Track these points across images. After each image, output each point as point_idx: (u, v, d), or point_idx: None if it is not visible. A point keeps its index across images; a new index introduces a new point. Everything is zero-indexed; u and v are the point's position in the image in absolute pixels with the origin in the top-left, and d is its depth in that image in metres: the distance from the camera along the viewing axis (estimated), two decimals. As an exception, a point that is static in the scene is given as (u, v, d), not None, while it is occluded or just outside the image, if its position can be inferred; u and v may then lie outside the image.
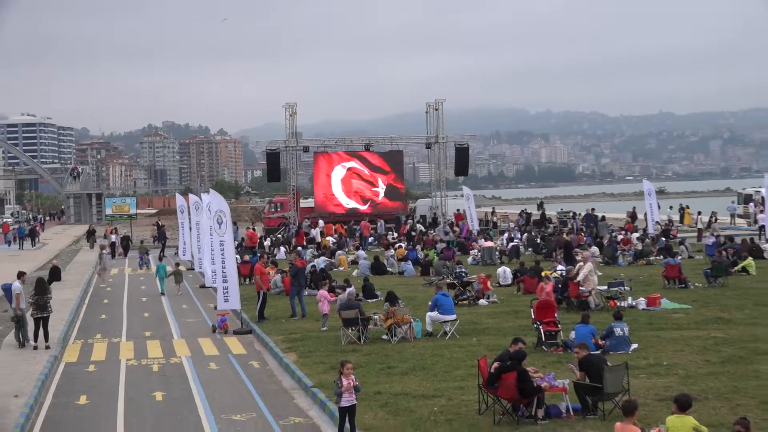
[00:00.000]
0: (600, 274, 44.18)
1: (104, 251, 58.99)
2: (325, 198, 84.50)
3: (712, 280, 41.38)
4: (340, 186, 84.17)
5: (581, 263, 38.25)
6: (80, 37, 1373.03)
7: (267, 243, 68.08)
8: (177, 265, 50.59)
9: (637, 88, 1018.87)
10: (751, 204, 79.52)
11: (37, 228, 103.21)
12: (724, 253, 47.75)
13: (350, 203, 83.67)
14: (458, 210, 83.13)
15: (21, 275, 34.30)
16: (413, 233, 69.25)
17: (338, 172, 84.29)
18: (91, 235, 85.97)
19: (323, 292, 35.60)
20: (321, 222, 77.07)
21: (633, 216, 76.42)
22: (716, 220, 74.10)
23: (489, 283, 41.06)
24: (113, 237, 78.69)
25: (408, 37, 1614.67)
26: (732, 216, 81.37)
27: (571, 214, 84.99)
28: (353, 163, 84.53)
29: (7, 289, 34.07)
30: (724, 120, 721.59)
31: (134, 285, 53.07)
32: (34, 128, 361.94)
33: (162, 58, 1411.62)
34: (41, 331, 32.45)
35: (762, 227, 62.00)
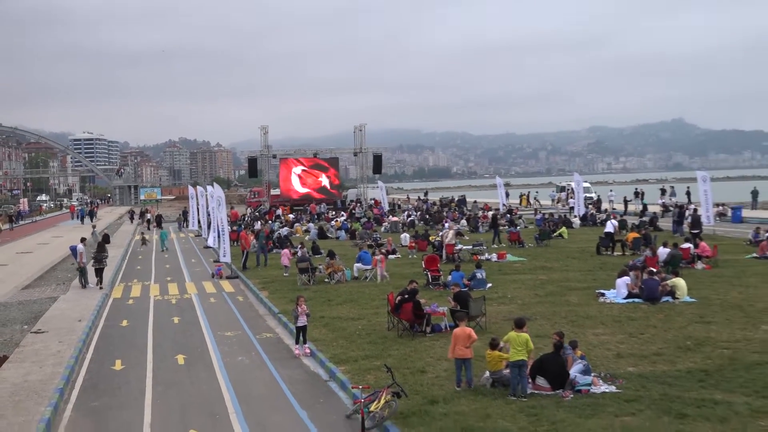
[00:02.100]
0: (467, 237, 44.73)
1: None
2: (286, 188, 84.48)
3: (539, 242, 41.90)
4: (297, 181, 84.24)
5: (447, 231, 38.87)
6: (122, 80, 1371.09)
7: (247, 219, 67.68)
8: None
9: (491, 117, 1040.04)
10: (562, 193, 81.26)
11: (95, 208, 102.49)
12: (547, 224, 48.44)
13: (303, 192, 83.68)
14: (374, 198, 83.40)
15: (83, 240, 34.21)
16: (354, 212, 69.47)
17: (295, 172, 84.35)
18: (143, 214, 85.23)
19: (285, 251, 35.69)
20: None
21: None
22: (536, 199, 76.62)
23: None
24: (148, 215, 78.58)
25: (343, 82, 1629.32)
26: (552, 200, 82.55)
27: (450, 198, 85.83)
28: (306, 165, 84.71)
29: (74, 249, 33.98)
30: (548, 138, 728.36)
31: (159, 246, 52.42)
32: (92, 141, 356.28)
33: (177, 95, 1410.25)
34: (94, 277, 32.51)
35: (572, 208, 62.70)
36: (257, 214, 72.32)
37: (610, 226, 40.30)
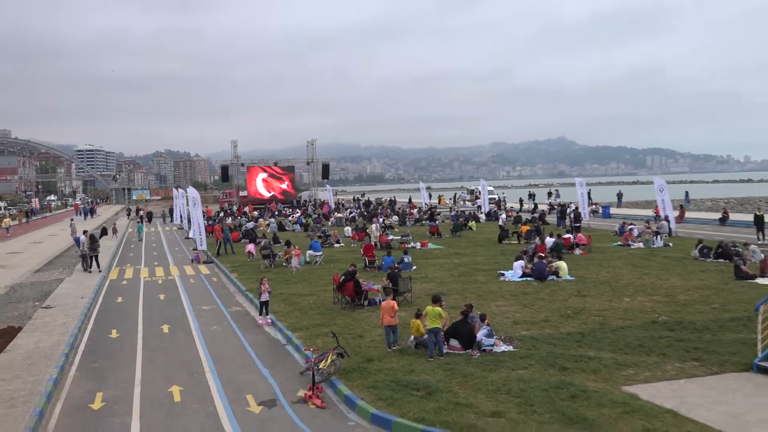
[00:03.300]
0: (396, 230, 44.83)
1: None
2: (252, 191, 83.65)
3: (454, 233, 42.18)
4: (261, 184, 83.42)
5: (373, 225, 39.46)
6: (118, 102, 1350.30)
7: (221, 215, 66.91)
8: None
9: (416, 134, 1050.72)
10: (466, 194, 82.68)
11: (95, 206, 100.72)
12: (460, 218, 48.79)
13: (266, 194, 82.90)
14: (323, 199, 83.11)
15: (85, 232, 33.53)
16: (307, 210, 68.95)
17: (260, 177, 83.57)
18: (137, 212, 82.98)
19: (251, 245, 35.17)
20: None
21: (392, 202, 76.87)
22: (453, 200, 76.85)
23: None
24: (141, 212, 76.96)
25: (298, 105, 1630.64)
26: (463, 201, 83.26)
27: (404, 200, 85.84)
28: (268, 172, 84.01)
29: (77, 239, 33.53)
30: (461, 151, 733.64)
31: (148, 237, 51.50)
32: (92, 152, 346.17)
33: (163, 114, 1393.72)
34: (95, 263, 31.83)
35: (479, 206, 63.33)
36: (227, 210, 71.62)
37: (501, 221, 41.98)
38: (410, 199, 77.30)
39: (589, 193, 69.08)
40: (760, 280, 22.80)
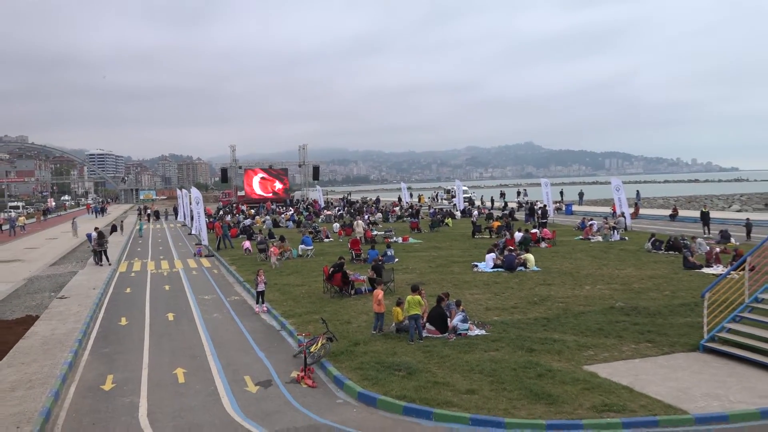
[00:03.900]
0: (380, 226, 44.79)
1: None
2: (249, 191, 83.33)
3: (432, 229, 42.20)
4: (257, 185, 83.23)
5: (358, 222, 39.29)
6: (125, 110, 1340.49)
7: (221, 213, 66.60)
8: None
9: (398, 139, 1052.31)
10: (444, 193, 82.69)
11: (106, 206, 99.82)
12: (438, 215, 48.81)
13: (261, 194, 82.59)
14: (313, 198, 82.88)
15: (96, 229, 33.18)
16: (299, 208, 68.71)
17: (256, 179, 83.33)
18: (144, 210, 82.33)
19: (247, 243, 34.95)
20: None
21: (377, 201, 76.61)
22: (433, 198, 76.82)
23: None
24: (149, 211, 76.24)
25: (290, 113, 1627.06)
26: (441, 199, 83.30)
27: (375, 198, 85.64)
28: (264, 174, 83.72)
29: (89, 236, 33.71)
30: (438, 154, 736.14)
31: (155, 233, 51.14)
32: (103, 156, 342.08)
33: (167, 121, 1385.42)
34: (104, 257, 31.49)
35: (454, 204, 63.34)
36: (227, 209, 71.31)
37: (474, 217, 43.12)
38: (400, 198, 77.23)
39: (561, 193, 70.07)
40: (705, 270, 23.08)
